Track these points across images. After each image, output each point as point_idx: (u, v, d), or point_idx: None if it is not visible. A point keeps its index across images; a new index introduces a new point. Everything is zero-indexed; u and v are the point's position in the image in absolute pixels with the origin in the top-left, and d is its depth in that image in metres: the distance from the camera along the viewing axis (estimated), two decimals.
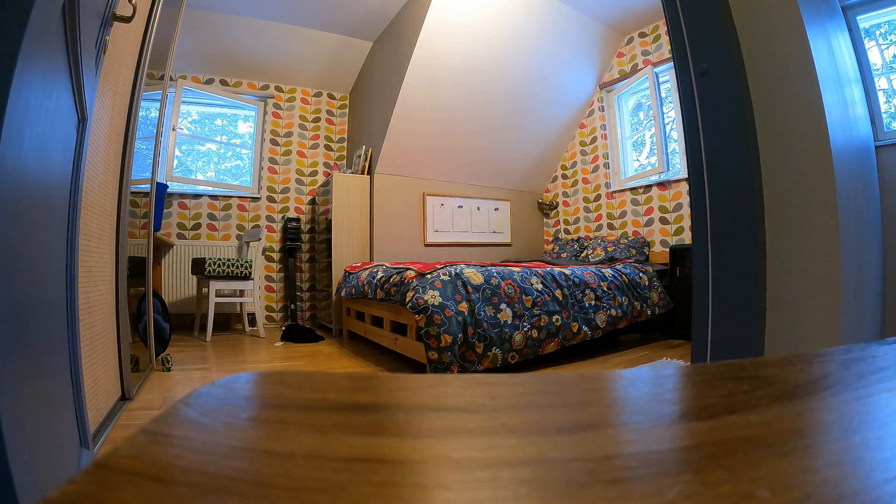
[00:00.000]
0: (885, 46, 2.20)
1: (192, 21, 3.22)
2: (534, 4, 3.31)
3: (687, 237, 3.31)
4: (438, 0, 3.01)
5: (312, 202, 4.27)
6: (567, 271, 2.51)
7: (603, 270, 2.72)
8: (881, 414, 0.20)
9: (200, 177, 3.98)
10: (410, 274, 2.19)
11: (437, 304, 1.94)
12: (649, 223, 3.62)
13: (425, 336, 1.92)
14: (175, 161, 3.75)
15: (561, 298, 2.34)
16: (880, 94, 2.09)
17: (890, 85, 2.15)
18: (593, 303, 2.49)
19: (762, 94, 1.02)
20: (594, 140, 4.17)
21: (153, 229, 2.22)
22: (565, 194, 4.48)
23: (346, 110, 4.55)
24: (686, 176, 1.85)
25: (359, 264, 3.17)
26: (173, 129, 3.63)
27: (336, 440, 0.17)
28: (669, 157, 3.54)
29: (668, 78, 3.52)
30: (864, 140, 1.61)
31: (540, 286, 2.30)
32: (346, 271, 3.19)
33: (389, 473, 0.14)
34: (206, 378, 2.12)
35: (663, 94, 3.58)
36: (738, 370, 0.25)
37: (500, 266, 2.49)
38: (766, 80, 1.02)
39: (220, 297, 3.23)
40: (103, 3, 0.96)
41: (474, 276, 2.12)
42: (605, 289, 2.59)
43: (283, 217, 4.14)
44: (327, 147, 4.42)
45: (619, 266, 2.93)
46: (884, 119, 2.02)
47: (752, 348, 0.99)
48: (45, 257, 0.75)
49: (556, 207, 4.56)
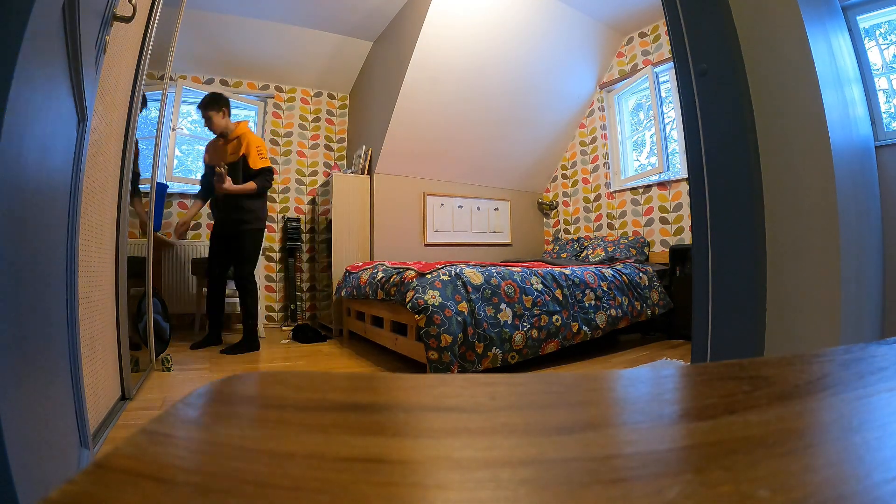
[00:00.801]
0: (885, 46, 2.20)
1: (192, 21, 3.22)
2: (534, 4, 3.31)
3: (687, 237, 3.31)
4: (438, 0, 3.01)
5: (312, 202, 4.27)
6: (567, 271, 2.51)
7: (603, 270, 2.72)
8: (881, 414, 0.20)
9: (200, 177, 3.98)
10: (410, 274, 2.19)
11: (437, 303, 1.94)
12: (649, 223, 3.62)
13: (425, 336, 1.92)
14: (175, 161, 3.75)
15: (561, 298, 2.34)
16: (880, 94, 2.09)
17: (890, 85, 2.15)
18: (593, 303, 2.49)
19: (762, 94, 1.02)
20: (594, 140, 4.17)
21: (153, 229, 2.22)
22: (565, 194, 4.48)
23: (346, 110, 4.55)
24: (686, 176, 1.85)
25: (360, 264, 3.17)
26: (173, 129, 3.63)
27: (336, 440, 0.17)
28: (669, 157, 3.54)
29: (668, 78, 3.52)
30: (864, 140, 1.61)
31: (540, 286, 2.30)
32: (347, 271, 3.19)
33: (389, 473, 0.14)
34: (206, 378, 2.11)
35: (663, 94, 3.58)
36: (738, 370, 0.25)
37: (500, 266, 2.49)
38: (766, 80, 1.02)
39: None
40: (103, 3, 0.96)
41: (474, 276, 2.12)
42: (605, 289, 2.59)
43: (283, 217, 4.14)
44: (327, 147, 4.42)
45: (619, 266, 2.93)
46: (884, 119, 2.02)
47: (752, 348, 0.99)
48: (45, 257, 0.75)
49: (556, 207, 4.56)
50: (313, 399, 0.22)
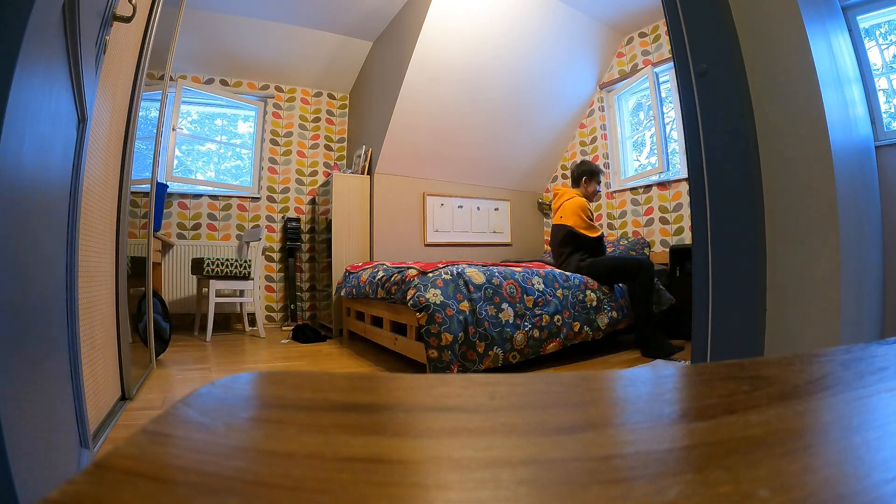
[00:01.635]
0: (885, 46, 2.20)
1: (192, 21, 3.22)
2: (534, 4, 3.31)
3: (687, 237, 3.31)
4: (438, 0, 3.01)
5: (312, 202, 4.27)
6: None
7: None
8: (881, 414, 0.20)
9: (200, 177, 3.98)
10: (412, 272, 2.19)
11: (438, 302, 1.94)
12: (649, 223, 3.61)
13: (426, 334, 1.92)
14: (175, 161, 3.75)
15: (562, 298, 2.34)
16: (880, 94, 2.09)
17: (890, 85, 2.15)
18: (594, 304, 2.49)
19: (762, 94, 1.02)
20: (594, 140, 4.16)
21: (153, 229, 2.22)
22: None
23: (346, 110, 4.55)
24: (686, 176, 1.85)
25: (360, 264, 3.17)
26: (173, 129, 3.63)
27: (336, 440, 0.17)
28: (669, 157, 3.54)
29: (668, 78, 3.52)
30: (864, 140, 1.61)
31: (541, 286, 2.30)
32: (347, 270, 3.19)
33: (389, 473, 0.14)
34: (206, 378, 2.11)
35: (663, 94, 3.58)
36: (738, 370, 0.25)
37: (501, 266, 2.49)
38: (766, 80, 1.02)
39: (220, 297, 3.23)
40: (103, 3, 0.96)
41: (476, 276, 2.12)
42: (606, 290, 2.59)
43: (283, 217, 4.14)
44: (327, 147, 4.42)
45: None
46: (884, 119, 2.02)
47: (752, 348, 0.99)
48: (45, 257, 0.75)
49: None
50: (313, 399, 0.22)
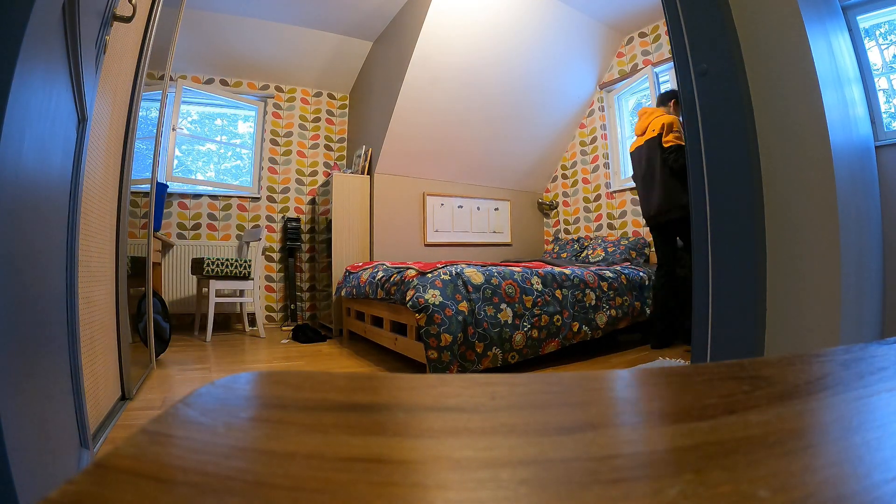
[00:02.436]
0: (885, 46, 2.19)
1: (192, 21, 3.22)
2: (534, 4, 3.31)
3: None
4: (438, 0, 3.01)
5: (312, 202, 4.27)
6: (567, 271, 2.51)
7: (603, 271, 2.72)
8: (881, 414, 0.20)
9: (200, 177, 3.98)
10: (411, 273, 2.19)
11: (437, 303, 1.94)
12: None
13: (425, 335, 1.92)
14: (175, 161, 3.75)
15: (561, 298, 2.34)
16: (880, 94, 2.09)
17: (890, 85, 2.15)
18: (593, 303, 2.49)
19: (762, 94, 1.02)
20: (594, 140, 4.17)
21: (153, 229, 2.22)
22: (565, 194, 4.48)
23: (346, 110, 4.55)
24: None
25: (360, 264, 3.17)
26: (173, 129, 3.63)
27: (336, 440, 0.17)
28: None
29: (668, 78, 3.52)
30: (864, 140, 1.61)
31: (540, 286, 2.30)
32: (347, 270, 3.19)
33: (389, 473, 0.14)
34: (206, 378, 2.11)
35: None
36: (738, 370, 0.25)
37: (500, 266, 2.49)
38: (766, 80, 1.02)
39: (220, 297, 3.23)
40: (103, 3, 0.96)
41: (475, 276, 2.12)
42: (605, 289, 2.59)
43: (283, 217, 4.14)
44: (327, 147, 4.42)
45: (619, 266, 2.93)
46: (884, 119, 2.02)
47: (752, 348, 0.99)
48: (45, 257, 0.75)
49: (556, 207, 4.56)
50: (313, 399, 0.22)
